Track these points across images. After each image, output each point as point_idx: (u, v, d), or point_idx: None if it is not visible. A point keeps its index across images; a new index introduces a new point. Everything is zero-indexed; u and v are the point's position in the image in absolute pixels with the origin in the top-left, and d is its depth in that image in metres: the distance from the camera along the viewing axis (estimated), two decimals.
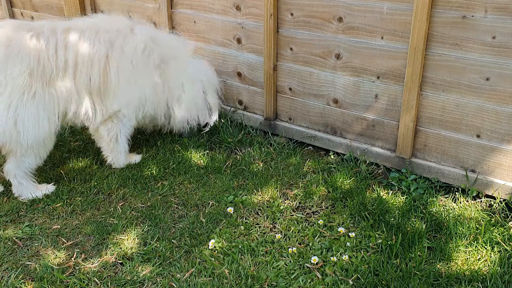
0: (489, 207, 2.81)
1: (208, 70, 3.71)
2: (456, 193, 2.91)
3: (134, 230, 2.70)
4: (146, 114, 3.35)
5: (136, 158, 3.45)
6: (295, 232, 2.67)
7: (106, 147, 3.31)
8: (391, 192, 2.99)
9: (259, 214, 2.85)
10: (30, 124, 2.80)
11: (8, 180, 3.03)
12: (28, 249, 2.59)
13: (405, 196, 2.92)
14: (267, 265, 2.43)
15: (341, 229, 2.64)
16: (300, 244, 2.59)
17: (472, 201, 2.85)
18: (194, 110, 3.58)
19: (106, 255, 2.53)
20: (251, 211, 2.87)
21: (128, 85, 3.13)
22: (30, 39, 2.83)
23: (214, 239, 2.61)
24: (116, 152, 3.31)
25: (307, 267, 2.41)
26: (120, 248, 2.57)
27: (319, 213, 2.85)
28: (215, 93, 3.73)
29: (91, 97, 3.06)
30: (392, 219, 2.70)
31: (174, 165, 3.36)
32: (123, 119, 3.23)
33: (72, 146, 3.70)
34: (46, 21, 3.11)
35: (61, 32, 2.94)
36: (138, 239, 2.64)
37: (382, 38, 2.97)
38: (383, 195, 2.95)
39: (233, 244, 2.57)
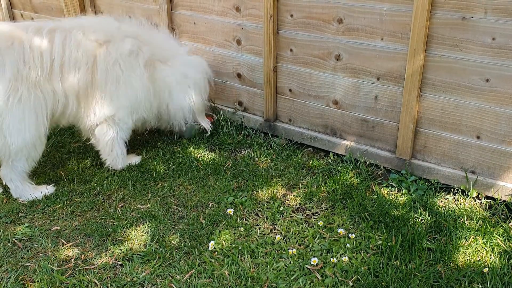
0: (489, 208, 2.81)
1: (198, 67, 3.57)
2: (456, 194, 2.91)
3: (134, 232, 2.70)
4: (140, 117, 3.31)
5: (135, 159, 3.45)
6: (295, 234, 2.66)
7: (103, 151, 3.30)
8: (391, 193, 2.99)
9: (259, 215, 2.85)
10: (16, 128, 2.77)
11: (5, 184, 3.04)
12: (28, 250, 2.59)
13: (405, 197, 2.92)
14: (267, 266, 2.43)
15: (341, 230, 2.64)
16: (300, 245, 2.58)
17: (472, 202, 2.84)
18: (179, 113, 3.51)
19: (106, 256, 2.53)
20: (251, 212, 2.86)
21: (118, 87, 3.10)
22: (15, 41, 2.79)
23: (214, 240, 2.60)
24: (114, 156, 3.29)
25: (307, 268, 2.41)
26: (120, 249, 2.57)
27: (319, 214, 2.85)
28: (199, 94, 3.55)
29: (78, 98, 3.02)
30: (392, 221, 2.70)
31: (174, 166, 3.36)
32: (119, 122, 3.21)
33: (72, 147, 3.70)
34: (31, 21, 3.06)
35: (46, 33, 2.89)
36: (137, 240, 2.64)
37: (382, 39, 2.98)
38: (383, 196, 2.95)
39: (233, 245, 2.57)
